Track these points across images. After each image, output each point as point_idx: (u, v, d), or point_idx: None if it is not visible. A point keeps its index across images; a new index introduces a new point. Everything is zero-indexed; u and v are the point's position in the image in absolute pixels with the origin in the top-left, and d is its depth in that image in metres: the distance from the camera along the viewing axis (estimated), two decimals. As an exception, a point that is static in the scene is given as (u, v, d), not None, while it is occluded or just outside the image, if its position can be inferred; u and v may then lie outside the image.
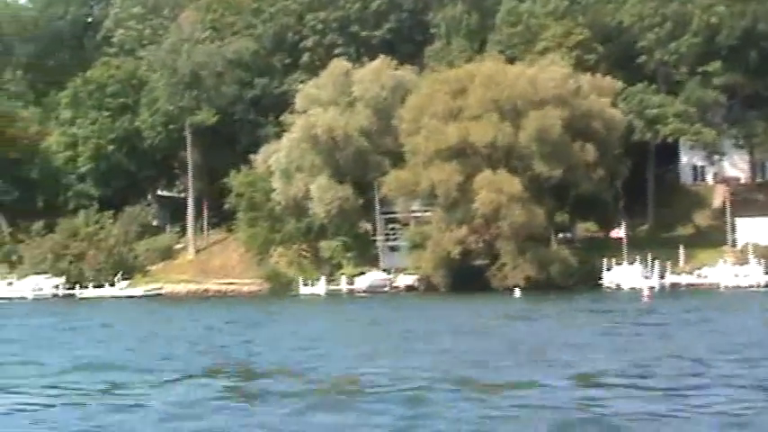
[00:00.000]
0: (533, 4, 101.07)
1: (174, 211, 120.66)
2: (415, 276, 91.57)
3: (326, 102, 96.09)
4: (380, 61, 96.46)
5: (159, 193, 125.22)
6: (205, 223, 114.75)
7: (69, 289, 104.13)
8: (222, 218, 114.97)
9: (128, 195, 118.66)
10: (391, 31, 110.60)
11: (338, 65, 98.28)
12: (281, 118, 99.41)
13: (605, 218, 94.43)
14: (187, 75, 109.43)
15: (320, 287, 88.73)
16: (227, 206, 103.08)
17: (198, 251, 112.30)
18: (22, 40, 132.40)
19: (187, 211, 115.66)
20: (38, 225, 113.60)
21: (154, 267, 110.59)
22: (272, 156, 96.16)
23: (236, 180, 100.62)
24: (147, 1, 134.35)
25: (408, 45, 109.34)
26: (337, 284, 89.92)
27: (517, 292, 74.08)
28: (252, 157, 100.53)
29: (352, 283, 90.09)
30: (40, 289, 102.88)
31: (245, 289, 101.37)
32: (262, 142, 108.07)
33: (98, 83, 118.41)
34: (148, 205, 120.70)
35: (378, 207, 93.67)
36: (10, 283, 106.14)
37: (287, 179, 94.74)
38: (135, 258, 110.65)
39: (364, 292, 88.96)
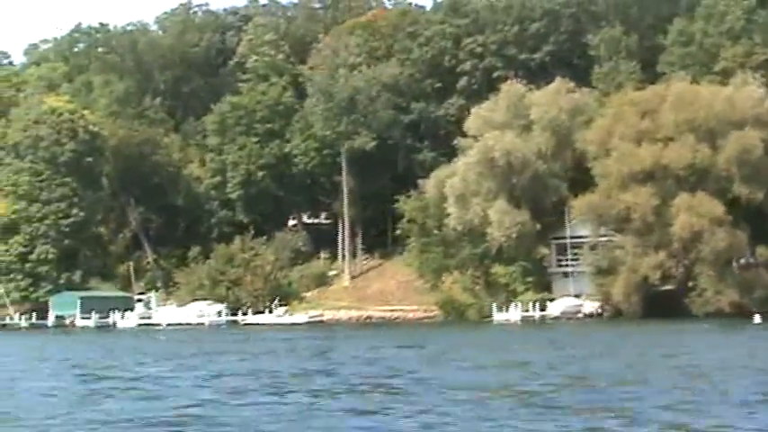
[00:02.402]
0: (706, 24, 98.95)
1: (319, 237, 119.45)
2: (598, 303, 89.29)
3: (500, 125, 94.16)
4: (557, 83, 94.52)
5: (305, 219, 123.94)
6: (359, 249, 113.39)
7: (231, 315, 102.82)
8: (373, 244, 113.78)
9: (271, 221, 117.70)
10: (549, 53, 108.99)
11: (512, 88, 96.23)
12: (455, 142, 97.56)
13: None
14: (344, 99, 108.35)
15: (514, 313, 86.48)
16: (397, 232, 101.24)
17: (353, 277, 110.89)
18: (159, 68, 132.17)
19: (337, 236, 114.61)
20: (194, 251, 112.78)
21: (309, 294, 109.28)
22: (446, 181, 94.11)
23: (407, 206, 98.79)
24: (279, 27, 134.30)
25: (565, 68, 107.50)
26: (526, 310, 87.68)
27: (757, 318, 71.47)
28: (420, 182, 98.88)
29: (543, 310, 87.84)
30: (205, 315, 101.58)
31: (411, 315, 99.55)
32: (417, 167, 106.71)
33: (246, 108, 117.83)
34: (296, 231, 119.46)
35: (569, 232, 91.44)
36: (181, 305, 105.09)
37: (463, 204, 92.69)
38: (290, 285, 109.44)
39: (556, 318, 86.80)
